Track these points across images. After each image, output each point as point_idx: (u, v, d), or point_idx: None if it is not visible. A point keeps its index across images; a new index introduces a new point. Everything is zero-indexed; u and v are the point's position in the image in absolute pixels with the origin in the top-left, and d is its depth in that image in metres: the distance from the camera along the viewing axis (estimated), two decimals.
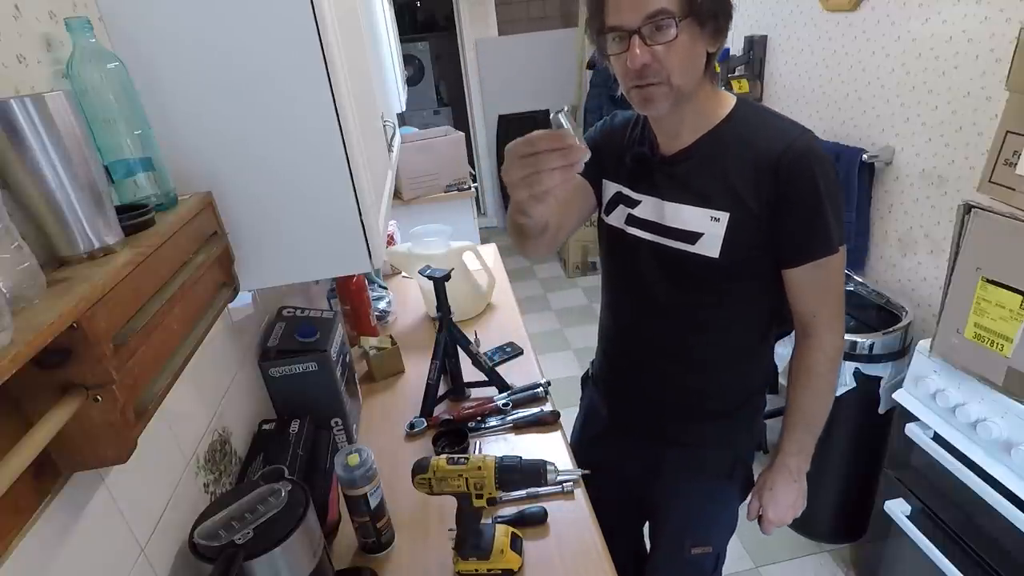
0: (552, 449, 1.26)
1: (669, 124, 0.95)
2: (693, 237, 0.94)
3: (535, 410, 1.35)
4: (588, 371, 1.33)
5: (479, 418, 1.34)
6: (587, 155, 0.69)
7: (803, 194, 0.88)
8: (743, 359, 1.07)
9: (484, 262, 1.88)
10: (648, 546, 1.28)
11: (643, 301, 1.06)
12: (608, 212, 1.06)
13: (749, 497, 1.13)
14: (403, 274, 2.16)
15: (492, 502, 0.96)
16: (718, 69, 2.55)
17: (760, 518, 1.12)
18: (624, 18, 0.82)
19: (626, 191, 1.03)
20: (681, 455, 1.12)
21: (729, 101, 0.95)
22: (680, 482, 1.13)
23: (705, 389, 1.07)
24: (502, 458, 0.97)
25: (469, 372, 1.47)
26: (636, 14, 0.80)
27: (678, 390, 1.09)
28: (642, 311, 1.07)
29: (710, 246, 0.93)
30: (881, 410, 1.70)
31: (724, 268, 0.93)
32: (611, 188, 1.06)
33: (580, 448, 1.29)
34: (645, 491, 1.19)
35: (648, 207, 0.99)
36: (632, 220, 1.02)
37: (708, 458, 1.10)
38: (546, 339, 3.43)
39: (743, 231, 0.91)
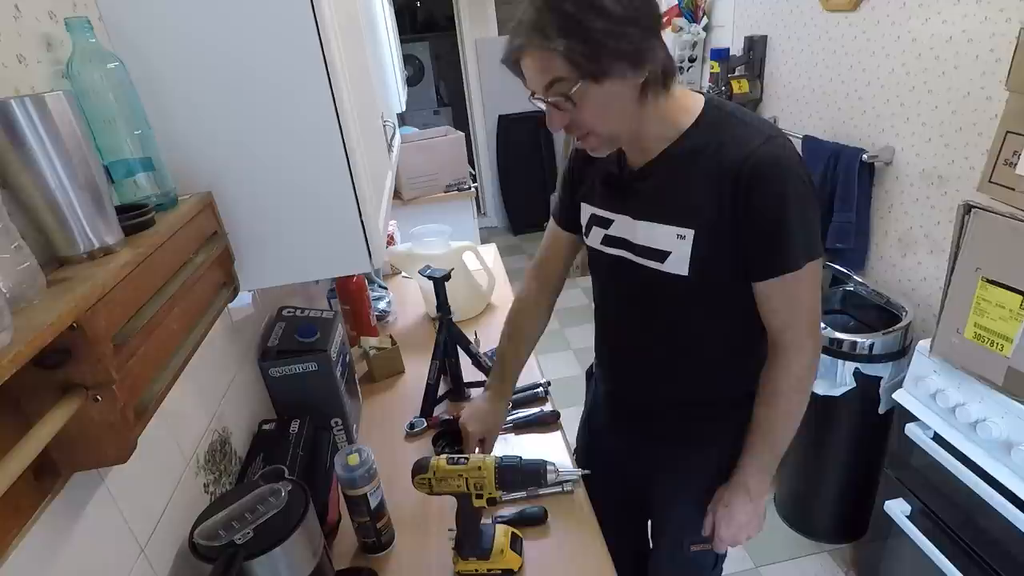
0: (552, 449, 1.26)
1: (632, 141, 0.92)
2: (662, 256, 0.91)
3: (535, 410, 1.35)
4: (592, 365, 1.33)
5: None
6: None
7: (764, 207, 0.83)
8: (731, 366, 1.05)
9: (484, 262, 1.88)
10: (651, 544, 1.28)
11: (625, 315, 1.06)
12: (587, 234, 1.05)
13: (707, 511, 1.08)
14: (403, 274, 2.16)
15: (492, 502, 0.96)
16: (716, 68, 2.55)
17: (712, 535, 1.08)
18: (532, 86, 0.84)
19: (599, 212, 1.01)
20: (679, 454, 1.11)
21: (696, 105, 0.90)
22: (679, 481, 1.13)
23: (695, 396, 1.06)
24: (502, 458, 0.97)
25: (469, 372, 1.47)
26: (538, 85, 0.82)
27: (669, 396, 1.08)
28: (627, 325, 1.07)
29: (678, 264, 0.90)
30: (881, 410, 1.70)
31: (695, 285, 0.91)
32: (587, 211, 1.04)
33: (583, 445, 1.30)
34: (646, 490, 1.19)
35: (620, 225, 0.97)
36: (607, 240, 1.00)
37: (706, 457, 1.10)
38: (546, 339, 3.40)
39: (710, 247, 0.88)
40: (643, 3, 0.80)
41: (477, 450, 1.14)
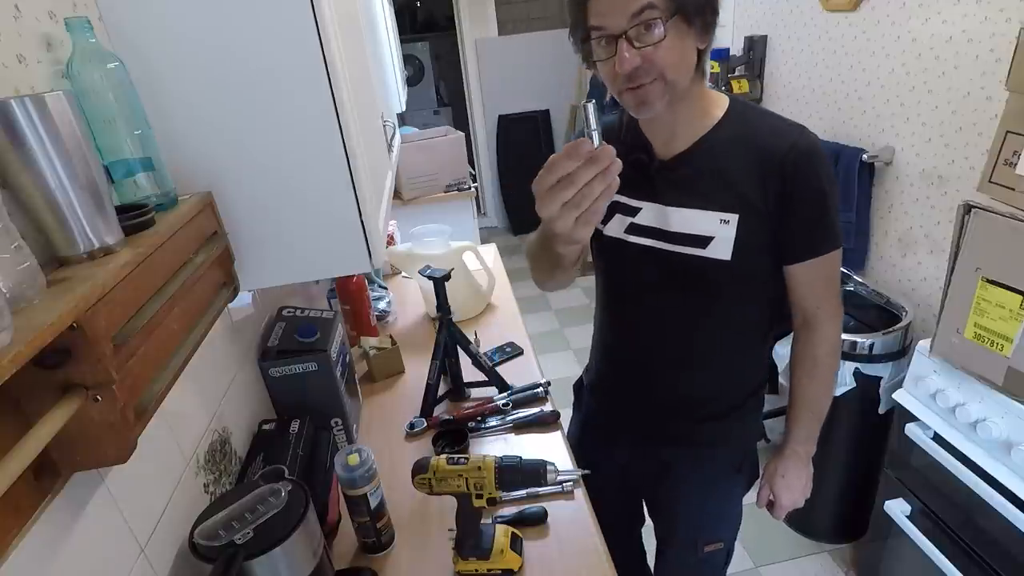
0: (552, 449, 1.26)
1: (663, 126, 0.93)
2: (704, 241, 0.93)
3: (535, 410, 1.35)
4: (580, 379, 1.31)
5: (479, 418, 1.34)
6: (613, 152, 0.62)
7: (810, 192, 0.89)
8: (745, 359, 1.07)
9: (484, 262, 1.88)
10: (646, 546, 1.28)
11: (646, 308, 1.05)
12: (604, 222, 1.03)
13: (759, 486, 1.15)
14: (403, 274, 2.16)
15: (492, 502, 0.96)
16: (716, 68, 2.55)
17: (771, 504, 1.15)
18: (608, 21, 0.79)
19: (623, 199, 1.00)
20: (688, 455, 1.11)
21: (723, 101, 0.94)
22: (689, 482, 1.13)
23: (709, 390, 1.07)
24: (502, 458, 0.97)
25: (469, 372, 1.47)
26: (621, 16, 0.78)
27: (682, 393, 1.08)
28: (645, 317, 1.06)
29: (722, 249, 0.92)
30: (881, 410, 1.70)
31: (735, 270, 0.93)
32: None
33: (580, 454, 1.26)
34: (650, 493, 1.19)
35: (649, 213, 0.97)
36: (633, 228, 1.00)
37: (715, 456, 1.11)
38: (546, 339, 3.43)
39: (753, 232, 0.91)
40: None
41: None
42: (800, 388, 1.05)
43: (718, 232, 0.92)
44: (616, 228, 1.02)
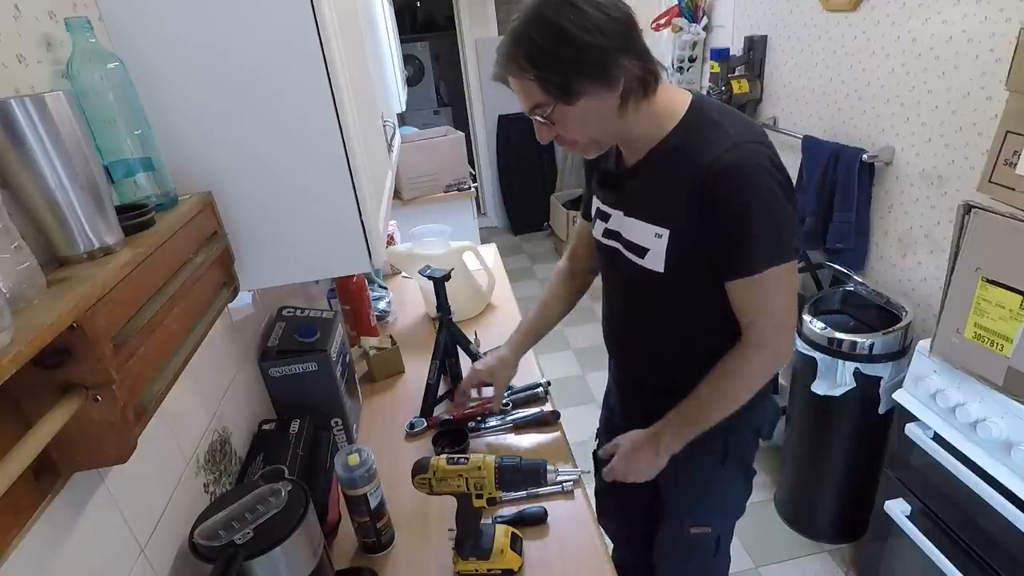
0: (552, 449, 1.26)
1: (622, 143, 0.99)
2: (642, 251, 0.97)
3: (535, 410, 1.35)
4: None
5: (479, 418, 1.34)
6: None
7: (724, 212, 0.87)
8: (712, 355, 1.05)
9: (484, 262, 1.88)
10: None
11: (619, 302, 1.13)
12: (595, 224, 1.11)
13: (614, 441, 1.12)
14: (403, 274, 2.16)
15: (492, 502, 0.96)
16: (716, 68, 2.55)
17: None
18: (522, 106, 0.91)
19: (601, 206, 1.07)
20: None
21: (682, 105, 0.93)
22: (677, 464, 1.14)
23: (675, 380, 1.08)
24: (502, 458, 0.97)
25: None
26: (524, 106, 0.91)
27: (652, 380, 1.14)
28: (618, 310, 1.14)
29: (655, 261, 0.95)
30: (881, 410, 1.70)
31: (669, 282, 0.96)
32: (595, 203, 1.11)
33: (603, 420, 1.37)
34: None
35: (616, 220, 1.03)
36: (607, 233, 1.07)
37: (701, 440, 1.12)
38: (546, 339, 3.41)
39: (683, 247, 0.92)
40: (611, 24, 0.82)
41: (473, 393, 1.28)
42: (701, 388, 1.01)
43: (653, 245, 0.95)
44: (598, 231, 1.10)
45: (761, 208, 0.86)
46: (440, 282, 1.40)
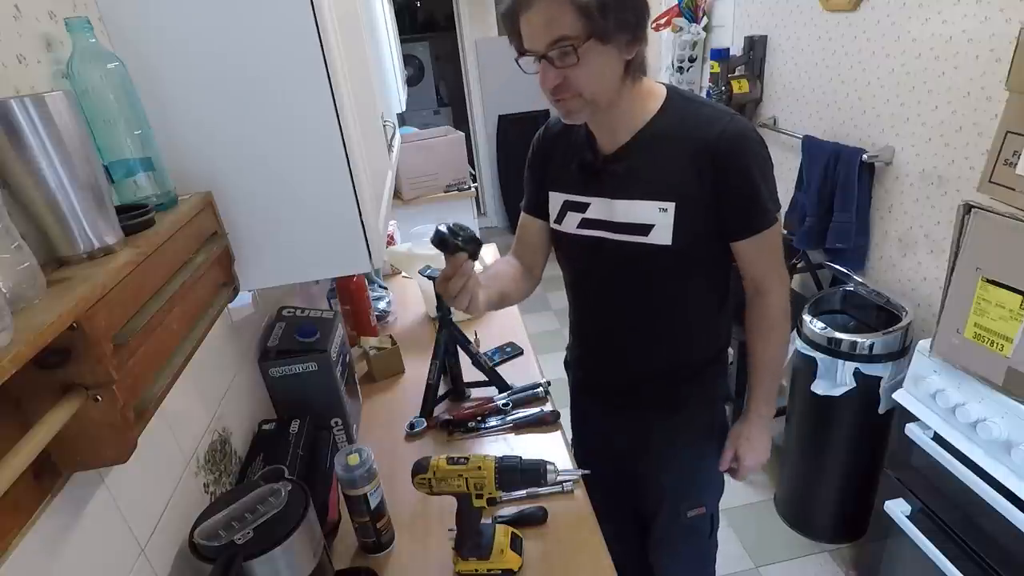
0: (552, 449, 1.26)
1: (604, 123, 1.00)
2: (646, 229, 0.99)
3: (535, 410, 1.35)
4: (566, 356, 1.36)
5: (479, 418, 1.34)
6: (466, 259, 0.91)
7: (739, 175, 0.94)
8: (704, 328, 1.13)
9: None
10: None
11: (602, 290, 1.12)
12: (559, 221, 1.10)
13: (725, 450, 1.19)
14: (403, 274, 2.16)
15: (492, 502, 0.96)
16: (716, 68, 2.55)
17: (732, 471, 1.20)
18: (532, 44, 0.87)
19: (574, 198, 1.07)
20: (664, 423, 1.16)
21: (660, 93, 0.99)
22: (671, 449, 1.18)
23: (667, 360, 1.13)
24: (502, 458, 0.97)
25: (469, 372, 1.47)
26: (540, 42, 0.86)
27: (642, 363, 1.14)
28: (602, 298, 1.13)
29: (662, 235, 0.98)
30: (881, 410, 1.70)
31: (677, 252, 0.99)
32: (558, 199, 1.10)
33: (577, 430, 1.36)
34: (632, 466, 1.23)
35: (597, 207, 1.04)
36: (585, 223, 1.07)
37: (690, 420, 1.16)
38: (546, 339, 3.43)
39: (690, 217, 0.96)
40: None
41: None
42: (758, 352, 1.11)
43: (658, 220, 0.98)
44: (570, 224, 1.09)
45: (763, 169, 0.96)
46: None
